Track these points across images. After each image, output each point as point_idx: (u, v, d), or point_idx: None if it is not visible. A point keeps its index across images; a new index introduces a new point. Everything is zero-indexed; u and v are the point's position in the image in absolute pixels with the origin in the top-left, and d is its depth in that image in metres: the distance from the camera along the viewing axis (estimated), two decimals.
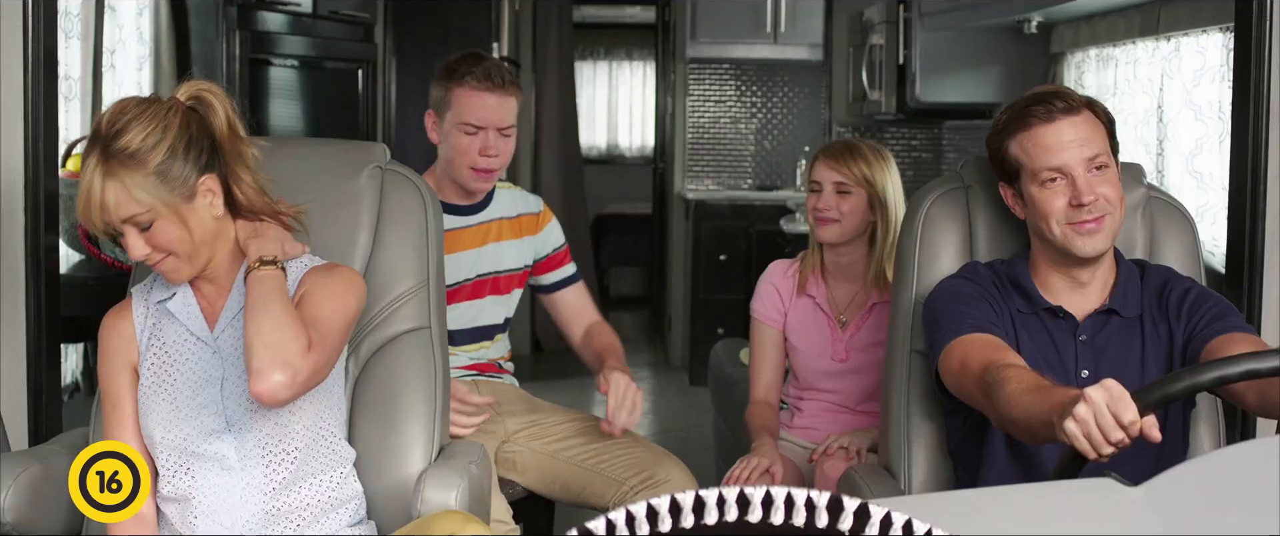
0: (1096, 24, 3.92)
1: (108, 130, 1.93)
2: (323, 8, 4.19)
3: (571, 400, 3.03)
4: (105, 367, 2.08)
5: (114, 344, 2.08)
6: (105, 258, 2.95)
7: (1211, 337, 2.01)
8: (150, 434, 2.03)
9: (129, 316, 2.09)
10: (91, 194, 1.91)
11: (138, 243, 1.93)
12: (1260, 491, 1.28)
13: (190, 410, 2.01)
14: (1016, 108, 2.08)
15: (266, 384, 1.84)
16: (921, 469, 2.25)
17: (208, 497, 2.00)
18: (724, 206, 6.19)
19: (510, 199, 2.86)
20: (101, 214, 1.91)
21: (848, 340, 2.76)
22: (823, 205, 2.72)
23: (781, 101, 6.61)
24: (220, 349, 2.03)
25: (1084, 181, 2.02)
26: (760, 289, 2.83)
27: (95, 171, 1.91)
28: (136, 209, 1.91)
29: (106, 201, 1.90)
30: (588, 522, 0.87)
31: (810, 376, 2.80)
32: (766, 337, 2.81)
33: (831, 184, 2.71)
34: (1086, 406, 1.62)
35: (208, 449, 2.00)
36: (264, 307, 1.89)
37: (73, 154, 3.18)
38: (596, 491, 2.68)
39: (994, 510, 1.38)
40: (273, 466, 2.01)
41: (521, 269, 2.85)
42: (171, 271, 1.98)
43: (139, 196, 1.91)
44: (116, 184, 1.90)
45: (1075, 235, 2.04)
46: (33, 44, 2.39)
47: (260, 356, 1.85)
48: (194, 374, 2.03)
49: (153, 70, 3.63)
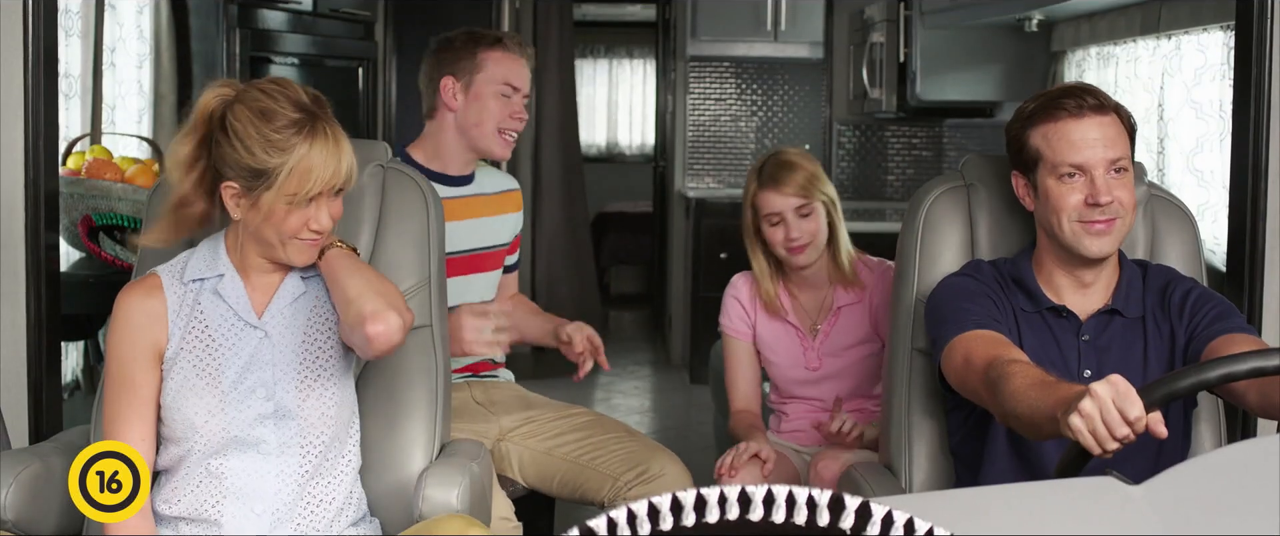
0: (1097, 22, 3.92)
1: (308, 105, 1.98)
2: (323, 6, 4.19)
3: (570, 397, 3.03)
4: (122, 347, 2.01)
5: (139, 321, 2.02)
6: (106, 256, 2.95)
7: (1213, 338, 2.00)
8: (190, 421, 1.99)
9: (160, 296, 2.04)
10: (341, 153, 1.96)
11: (328, 213, 1.99)
12: (1260, 491, 1.28)
13: (237, 395, 2.00)
14: (1046, 98, 2.07)
15: (384, 324, 1.93)
16: (922, 467, 2.25)
17: (241, 479, 2.00)
18: (724, 204, 6.19)
19: (490, 177, 2.87)
20: (335, 175, 1.96)
21: (819, 348, 2.76)
22: (795, 234, 2.67)
23: (782, 99, 6.61)
24: (269, 335, 2.04)
25: (1103, 182, 2.01)
26: (726, 304, 2.82)
27: (328, 142, 1.96)
28: (351, 176, 2.00)
29: (348, 167, 1.98)
30: (589, 521, 0.87)
31: (787, 385, 2.82)
32: (739, 351, 2.82)
33: (793, 212, 2.67)
34: (1092, 401, 1.62)
35: (250, 433, 2.00)
36: (358, 270, 2.01)
37: (73, 152, 3.20)
38: (591, 487, 2.68)
39: (994, 509, 1.38)
40: (308, 455, 2.03)
41: (504, 246, 2.87)
42: (314, 249, 2.02)
43: (353, 163, 2.01)
44: (347, 147, 1.99)
45: (1085, 234, 2.04)
46: (33, 42, 2.39)
47: (374, 302, 1.94)
48: (241, 359, 2.02)
49: (153, 68, 3.63)
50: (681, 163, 6.63)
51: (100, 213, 3.02)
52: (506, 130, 2.72)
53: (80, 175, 3.06)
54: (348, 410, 2.08)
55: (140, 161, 3.20)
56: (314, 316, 2.07)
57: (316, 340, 2.06)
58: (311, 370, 2.03)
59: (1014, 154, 2.12)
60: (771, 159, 2.72)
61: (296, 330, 2.04)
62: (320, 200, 1.97)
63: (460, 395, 2.75)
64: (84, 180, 3.03)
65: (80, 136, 3.29)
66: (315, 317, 2.07)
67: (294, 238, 1.98)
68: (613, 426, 2.79)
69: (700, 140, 6.63)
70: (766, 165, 2.71)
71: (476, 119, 2.71)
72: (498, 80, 2.70)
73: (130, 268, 2.40)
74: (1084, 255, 2.05)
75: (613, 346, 7.19)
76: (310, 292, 2.08)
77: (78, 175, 3.06)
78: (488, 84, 2.70)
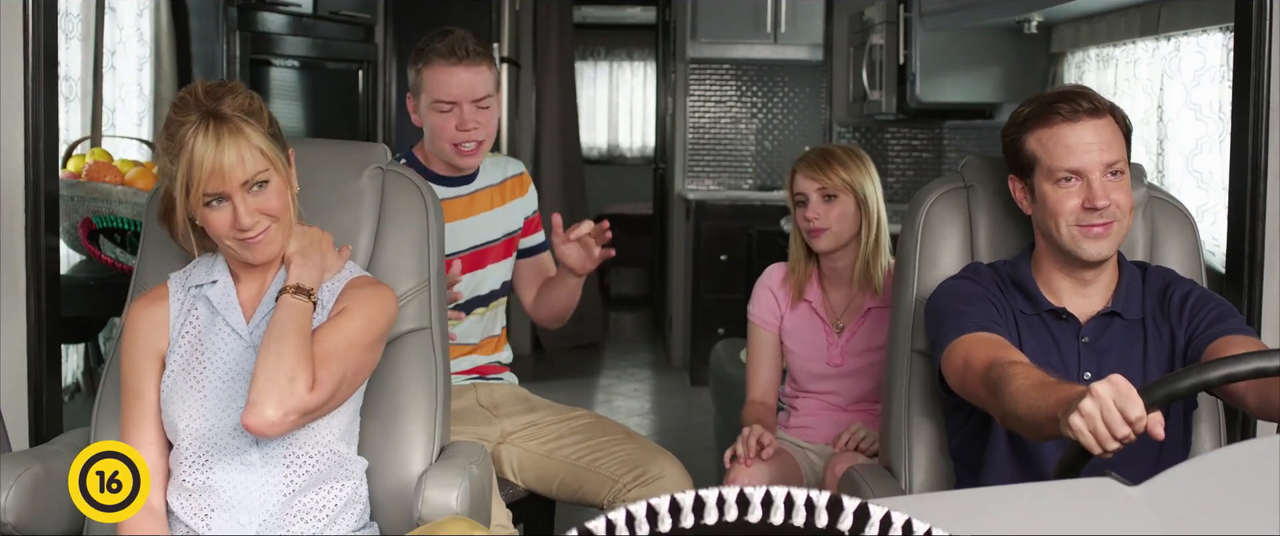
0: (1096, 24, 3.92)
1: (208, 100, 1.92)
2: (323, 8, 4.19)
3: (571, 399, 3.03)
4: (129, 357, 2.04)
5: (143, 330, 2.05)
6: (105, 258, 2.95)
7: (1212, 339, 2.00)
8: (173, 423, 2.00)
9: (165, 303, 2.06)
10: (220, 154, 1.88)
11: (246, 210, 1.92)
12: (1260, 491, 1.28)
13: (219, 402, 2.00)
14: (1041, 102, 2.07)
15: (255, 418, 1.87)
16: (922, 469, 2.25)
17: (228, 491, 2.00)
18: (724, 206, 6.19)
19: (493, 165, 2.86)
20: (222, 178, 1.89)
21: (844, 345, 2.77)
22: (812, 215, 2.74)
23: (782, 101, 6.61)
24: (254, 344, 2.03)
25: (1100, 185, 2.01)
26: (757, 293, 2.85)
27: (210, 135, 1.89)
28: (261, 164, 1.92)
29: (239, 158, 1.89)
30: (588, 522, 0.87)
31: (805, 379, 2.82)
32: (763, 341, 2.83)
33: (816, 193, 2.73)
34: (1093, 401, 1.62)
35: (232, 443, 1.99)
36: (280, 340, 1.91)
37: (73, 154, 3.20)
38: (591, 489, 2.68)
39: (993, 510, 1.38)
40: (294, 468, 2.01)
41: (514, 232, 2.86)
42: (268, 243, 1.98)
43: (264, 149, 1.92)
44: (241, 140, 1.90)
45: (1083, 237, 2.04)
46: (33, 44, 2.39)
47: (257, 388, 1.87)
48: (226, 365, 2.02)
49: (153, 71, 3.63)
50: (681, 165, 6.63)
51: (100, 215, 3.02)
52: (460, 145, 2.69)
53: (80, 178, 3.06)
54: (337, 421, 2.06)
55: (140, 164, 3.20)
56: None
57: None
58: None
59: (1010, 158, 2.12)
60: (817, 147, 2.85)
61: None
62: (232, 199, 1.93)
63: (464, 398, 2.75)
64: (84, 183, 3.03)
65: (80, 139, 3.29)
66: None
67: (230, 240, 1.96)
68: (613, 428, 2.79)
69: (700, 142, 6.63)
70: (810, 150, 2.82)
71: (431, 137, 2.73)
72: (432, 97, 2.68)
73: (129, 270, 2.40)
74: (1083, 258, 2.05)
75: (613, 348, 7.23)
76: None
77: (78, 178, 3.06)
78: (427, 104, 2.70)
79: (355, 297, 2.04)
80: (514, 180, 2.89)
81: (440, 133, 2.69)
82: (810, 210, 2.74)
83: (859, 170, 2.74)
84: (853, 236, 2.75)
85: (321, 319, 2.04)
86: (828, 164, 2.74)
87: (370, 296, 2.05)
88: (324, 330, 1.99)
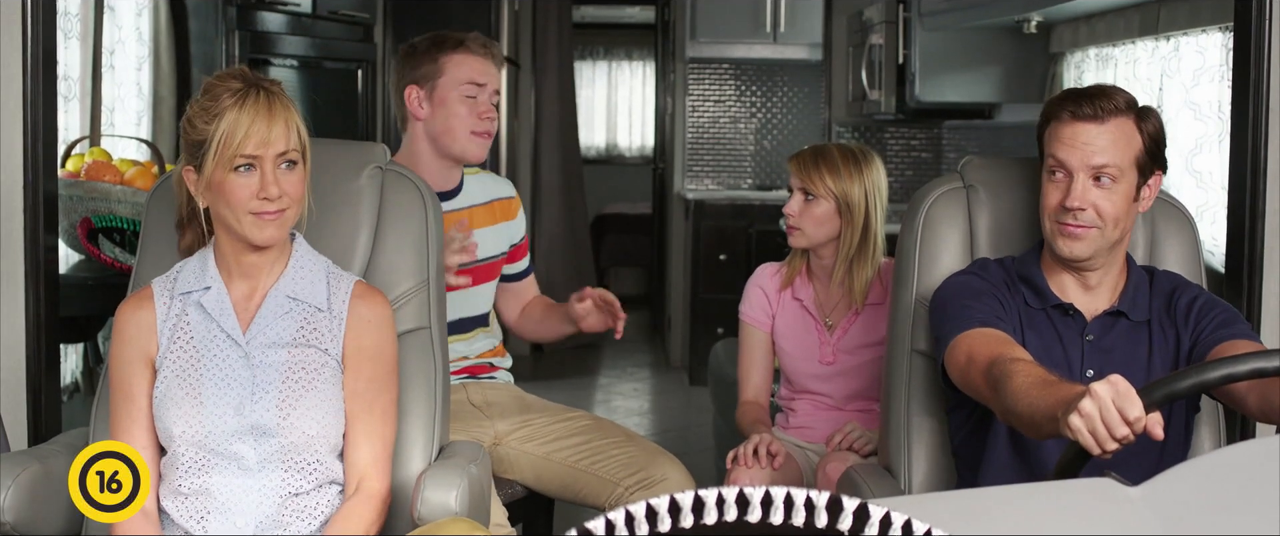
0: (1096, 24, 3.92)
1: (253, 77, 1.98)
2: (322, 8, 4.19)
3: (570, 399, 3.02)
4: (119, 360, 2.05)
5: (131, 333, 2.05)
6: (105, 258, 2.95)
7: (1216, 344, 2.01)
8: (168, 429, 2.00)
9: (150, 307, 2.06)
10: (266, 119, 1.94)
11: (274, 184, 1.95)
12: (1260, 491, 1.28)
13: (214, 408, 1.99)
14: (1061, 96, 2.09)
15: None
16: (922, 468, 2.25)
17: (224, 494, 2.00)
18: (724, 206, 6.19)
19: (481, 184, 2.84)
20: (262, 141, 1.94)
21: (835, 343, 2.77)
22: (789, 211, 2.74)
23: (781, 101, 6.61)
24: (250, 354, 2.03)
25: (1079, 186, 2.01)
26: (748, 292, 2.84)
27: (259, 102, 1.94)
28: (296, 143, 1.98)
29: (285, 128, 1.96)
30: (587, 522, 0.87)
31: (799, 378, 2.81)
32: (755, 340, 2.82)
33: (799, 190, 2.73)
34: (1092, 401, 1.62)
35: (227, 448, 1.99)
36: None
37: (72, 154, 3.19)
38: (591, 493, 2.66)
39: (993, 510, 1.38)
40: (291, 472, 2.01)
41: (499, 257, 2.84)
42: (280, 224, 2.00)
43: (300, 132, 1.99)
44: (287, 114, 1.97)
45: (1058, 234, 2.05)
46: (32, 44, 2.38)
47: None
48: (220, 372, 2.01)
49: (152, 70, 3.63)
50: (681, 164, 6.63)
51: (99, 215, 3.02)
52: (479, 132, 2.69)
53: (79, 177, 3.05)
54: (336, 427, 2.05)
55: (139, 164, 3.20)
56: (301, 334, 2.04)
57: (301, 357, 2.03)
58: (295, 388, 2.01)
59: (1038, 147, 2.14)
60: (818, 144, 2.85)
61: (281, 347, 2.03)
62: (264, 166, 1.95)
63: (456, 397, 2.71)
64: (83, 182, 3.03)
65: (79, 139, 3.29)
66: (302, 335, 2.04)
67: (248, 212, 1.97)
68: (612, 430, 2.76)
69: (699, 142, 6.63)
70: (810, 146, 2.81)
71: (444, 125, 2.69)
72: (460, 81, 2.68)
73: (129, 270, 2.40)
74: (1057, 253, 2.06)
75: (612, 348, 7.22)
76: (298, 309, 2.06)
77: (77, 177, 3.06)
78: (451, 87, 2.68)
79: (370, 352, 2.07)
80: (503, 202, 2.85)
81: (462, 120, 2.68)
82: (789, 205, 2.74)
83: (850, 178, 2.70)
84: (830, 239, 2.74)
85: (332, 326, 2.05)
86: (816, 165, 2.72)
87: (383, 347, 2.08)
88: (374, 418, 2.06)
